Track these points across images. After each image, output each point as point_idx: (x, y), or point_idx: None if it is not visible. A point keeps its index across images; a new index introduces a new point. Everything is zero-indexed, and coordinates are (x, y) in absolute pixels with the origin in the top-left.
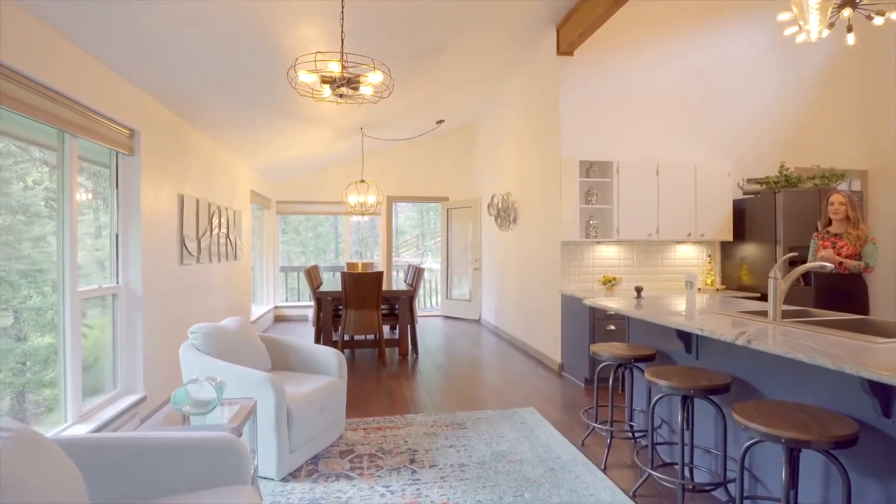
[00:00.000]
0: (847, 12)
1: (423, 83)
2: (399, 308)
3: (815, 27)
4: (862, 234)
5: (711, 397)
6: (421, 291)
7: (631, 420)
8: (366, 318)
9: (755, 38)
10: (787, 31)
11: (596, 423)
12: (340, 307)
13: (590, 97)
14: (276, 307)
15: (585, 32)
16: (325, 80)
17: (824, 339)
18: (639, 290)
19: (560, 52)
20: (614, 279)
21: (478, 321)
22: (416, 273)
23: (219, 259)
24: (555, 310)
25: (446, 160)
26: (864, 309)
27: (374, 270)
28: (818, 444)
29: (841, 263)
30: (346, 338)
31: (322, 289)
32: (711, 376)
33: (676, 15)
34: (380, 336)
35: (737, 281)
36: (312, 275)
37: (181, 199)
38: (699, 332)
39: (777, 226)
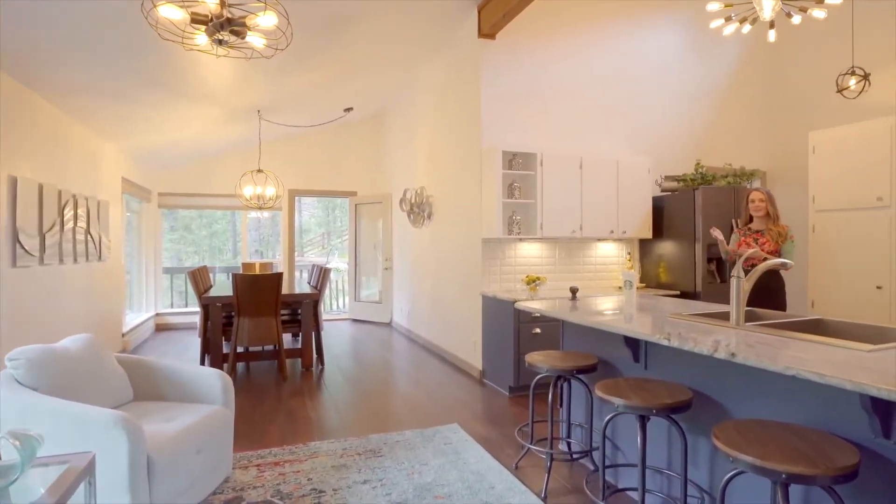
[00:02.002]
0: (768, 13)
1: (330, 62)
2: (302, 313)
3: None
4: (782, 231)
5: (674, 416)
6: (327, 293)
7: (568, 436)
8: (262, 327)
9: (671, 36)
10: (714, 24)
11: (532, 443)
12: (233, 314)
13: (513, 84)
14: (157, 314)
15: (509, 14)
16: (197, 20)
17: (811, 350)
18: (574, 290)
19: (481, 34)
20: (538, 279)
21: (389, 324)
22: (322, 274)
23: (75, 260)
24: (475, 312)
25: (355, 152)
26: (783, 306)
27: (274, 271)
28: (823, 480)
29: (765, 259)
30: (240, 349)
31: (210, 293)
32: (671, 391)
33: (600, 6)
34: (279, 346)
35: (655, 279)
36: (199, 277)
37: (13, 182)
38: (666, 343)
39: (696, 223)
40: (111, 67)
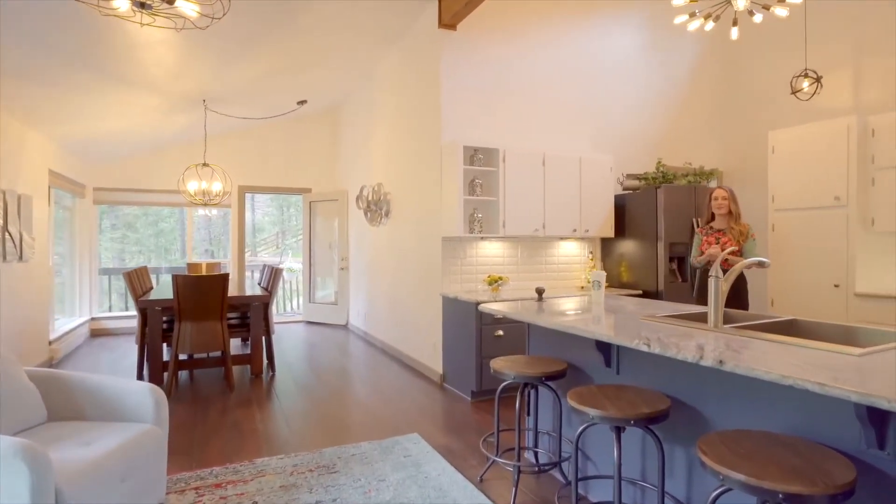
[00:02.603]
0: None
1: (279, 50)
2: (251, 317)
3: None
4: (744, 230)
5: (651, 427)
6: (280, 294)
7: (535, 445)
8: (207, 332)
9: (632, 34)
10: (678, 20)
11: (498, 454)
12: (174, 319)
13: (475, 77)
14: (93, 319)
15: (472, 2)
16: None
17: (801, 355)
18: (540, 291)
19: (442, 24)
20: (500, 279)
21: (345, 326)
22: (273, 274)
23: None
24: (435, 314)
25: (310, 147)
26: (746, 305)
27: (222, 272)
28: (821, 500)
29: (726, 260)
30: (183, 357)
31: (151, 296)
32: (648, 399)
33: (563, 2)
34: (226, 353)
35: (617, 278)
36: (136, 279)
37: None
38: (646, 349)
39: (658, 222)
40: (33, 45)
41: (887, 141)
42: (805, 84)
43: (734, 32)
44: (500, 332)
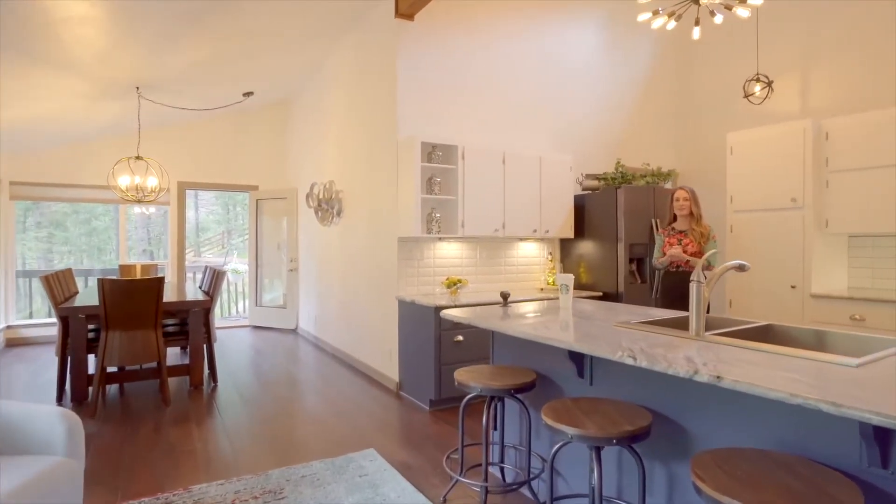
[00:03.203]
0: None
1: (221, 34)
2: (191, 323)
3: None
4: (705, 231)
5: (634, 445)
6: (225, 297)
7: (502, 461)
8: (139, 341)
9: (592, 34)
10: (641, 17)
11: (462, 472)
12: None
13: (433, 71)
14: (8, 327)
15: None
16: None
17: (798, 367)
18: (505, 296)
19: (399, 13)
20: (459, 281)
21: (294, 331)
22: (215, 277)
23: None
24: (390, 318)
25: (257, 142)
26: (705, 308)
27: (158, 274)
28: None
29: (688, 262)
30: (111, 369)
31: (75, 302)
32: (628, 414)
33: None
34: (161, 364)
35: (576, 280)
36: (57, 282)
37: None
38: (631, 363)
39: (618, 222)
40: None
41: (840, 144)
42: (757, 88)
43: (696, 32)
44: (460, 338)
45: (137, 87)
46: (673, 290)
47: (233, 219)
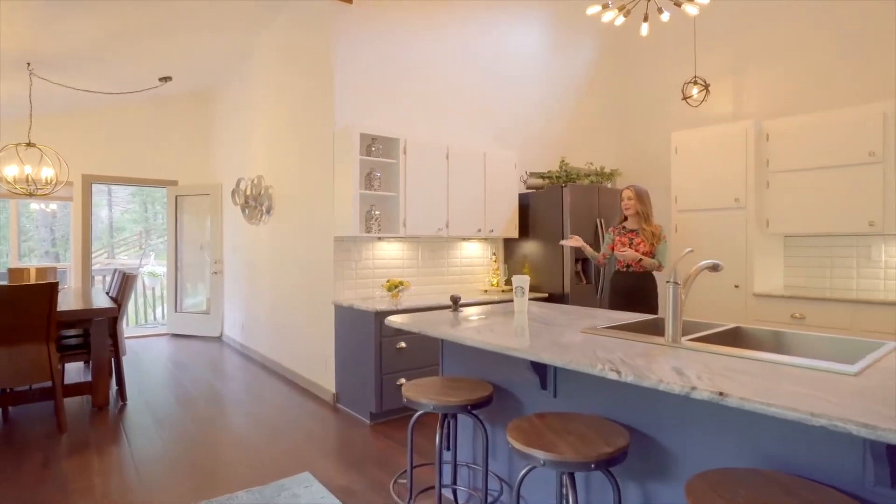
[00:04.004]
0: None
1: (131, 6)
2: (94, 335)
3: None
4: (655, 231)
5: (611, 469)
6: (141, 302)
7: (454, 482)
8: (25, 358)
9: (537, 31)
10: (590, 10)
11: (412, 499)
12: None
13: (373, 58)
14: None
15: None
16: None
17: (799, 378)
18: (455, 300)
19: None
20: (401, 283)
21: (219, 338)
22: (124, 281)
23: None
24: (326, 324)
25: (177, 133)
26: (655, 307)
27: (54, 279)
28: None
29: (640, 261)
30: None
31: None
32: (603, 432)
33: None
34: (56, 383)
35: None
36: None
37: None
38: (615, 377)
39: (564, 222)
40: None
41: (780, 145)
42: (695, 91)
43: (644, 28)
44: (403, 344)
45: (28, 63)
46: (623, 290)
47: (151, 217)
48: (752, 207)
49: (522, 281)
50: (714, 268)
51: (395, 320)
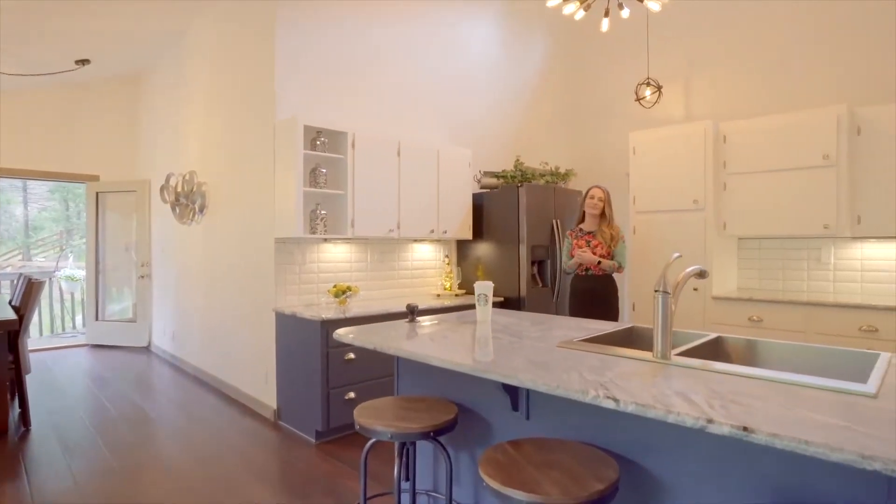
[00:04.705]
0: None
1: None
2: None
3: None
4: (615, 234)
5: None
6: (57, 309)
7: None
8: None
9: (490, 27)
10: (550, 3)
11: None
12: None
13: (319, 46)
14: None
15: None
16: None
17: (815, 402)
18: (412, 310)
19: None
20: (349, 289)
21: (147, 349)
22: (29, 288)
23: None
24: (267, 334)
25: (98, 123)
26: (616, 313)
27: None
28: None
29: (599, 264)
30: None
31: None
32: (591, 465)
33: None
34: None
35: (473, 283)
36: None
37: None
38: (611, 406)
39: (520, 223)
40: None
41: (737, 147)
42: (647, 92)
43: (605, 24)
44: (352, 355)
45: None
46: (583, 294)
47: (74, 216)
48: (710, 209)
49: (486, 288)
50: (701, 274)
51: (344, 335)
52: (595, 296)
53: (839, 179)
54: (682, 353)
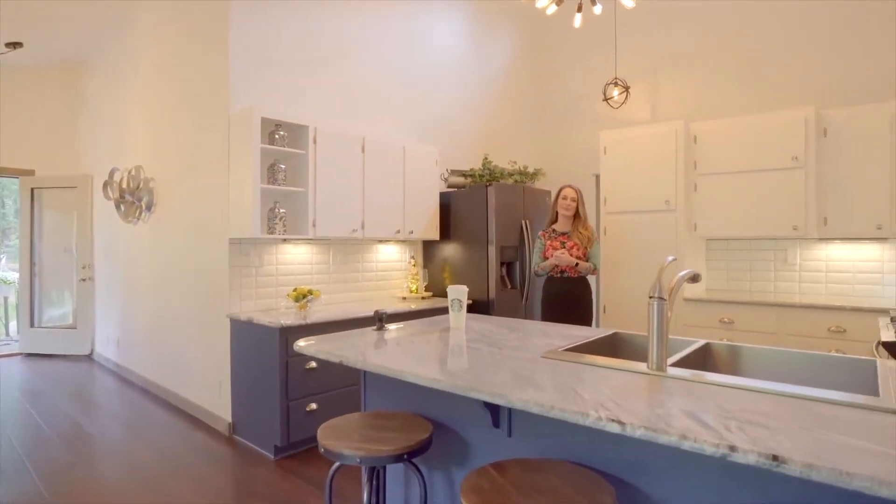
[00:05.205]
0: None
1: None
2: None
3: None
4: (591, 234)
5: None
6: None
7: None
8: None
9: (457, 23)
10: None
11: None
12: None
13: (278, 33)
14: None
15: None
16: None
17: (828, 417)
18: (380, 316)
19: None
20: (310, 292)
21: (89, 357)
22: None
23: None
24: (220, 341)
25: (33, 113)
26: (590, 317)
27: None
28: None
29: (576, 266)
30: None
31: None
32: (586, 490)
33: None
34: None
35: (440, 285)
36: None
37: None
38: (617, 430)
39: (489, 223)
40: None
41: (708, 148)
42: (615, 92)
43: (577, 19)
44: (314, 364)
45: None
46: (557, 297)
47: (11, 214)
48: (681, 210)
49: (460, 292)
50: (694, 278)
51: (306, 347)
52: (570, 299)
53: (808, 181)
54: (675, 364)
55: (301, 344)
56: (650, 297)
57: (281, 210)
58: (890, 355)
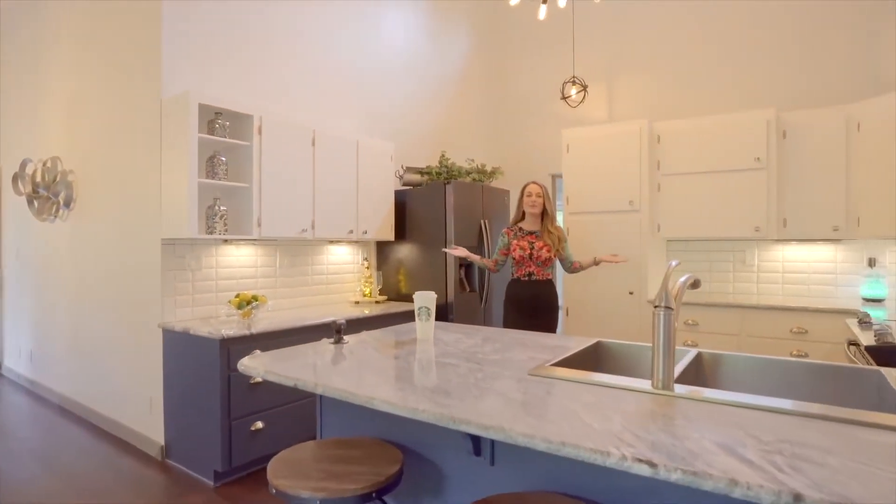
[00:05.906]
0: None
1: None
2: None
3: None
4: (561, 234)
5: None
6: None
7: None
8: None
9: (413, 15)
10: None
11: None
12: None
13: (218, 12)
14: None
15: None
16: None
17: (866, 446)
18: (339, 328)
19: None
20: (255, 298)
21: None
22: None
23: None
24: (152, 354)
25: None
26: (556, 322)
27: None
28: None
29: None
30: None
31: None
32: None
33: None
34: None
35: (395, 288)
36: None
37: None
38: (649, 472)
39: (447, 223)
40: None
41: (670, 148)
42: (573, 91)
43: (542, 11)
44: (259, 379)
45: None
46: (526, 301)
47: None
48: (646, 211)
49: (428, 300)
50: (694, 284)
51: (253, 367)
52: (539, 304)
53: (769, 182)
54: (676, 379)
55: (246, 363)
56: (655, 307)
57: (222, 207)
58: (874, 361)
